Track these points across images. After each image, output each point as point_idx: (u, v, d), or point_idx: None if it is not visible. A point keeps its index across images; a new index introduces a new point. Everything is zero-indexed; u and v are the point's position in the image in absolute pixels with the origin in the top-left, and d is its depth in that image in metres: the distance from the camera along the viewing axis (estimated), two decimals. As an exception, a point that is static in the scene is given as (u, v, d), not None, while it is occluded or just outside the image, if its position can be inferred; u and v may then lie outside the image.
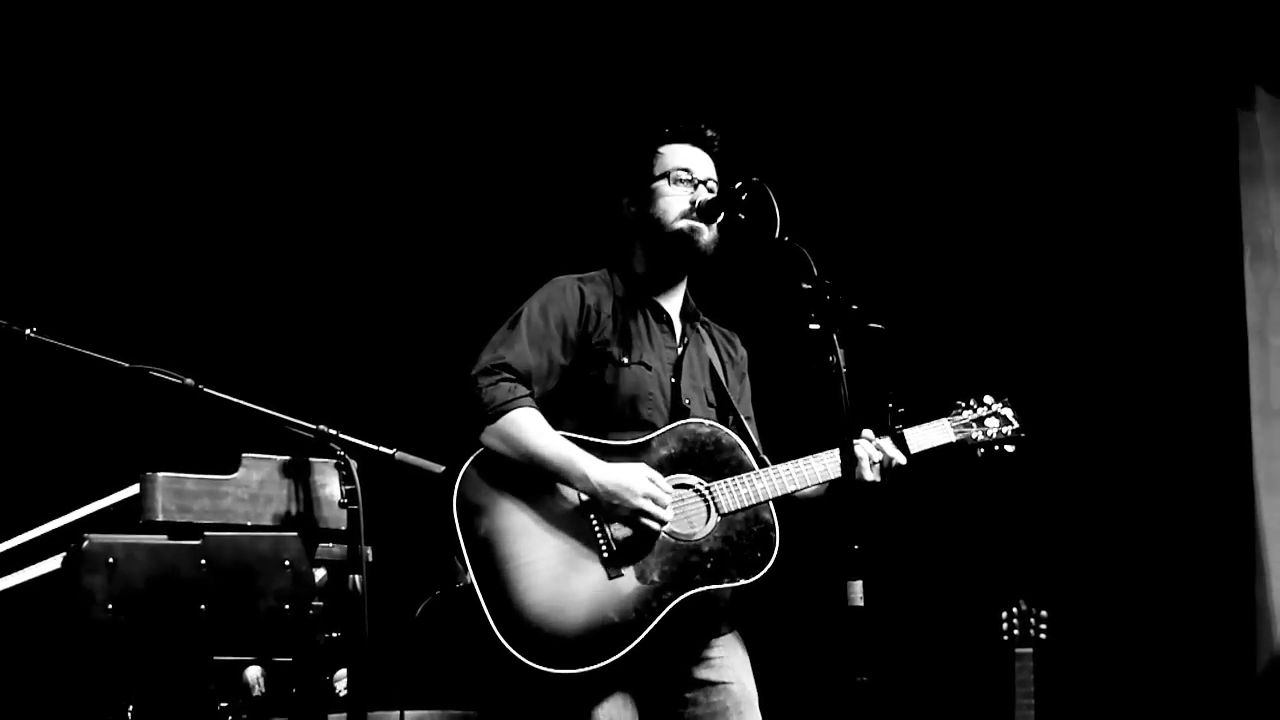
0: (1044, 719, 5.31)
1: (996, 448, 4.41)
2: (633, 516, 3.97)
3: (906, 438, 4.26)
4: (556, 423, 4.05)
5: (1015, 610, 5.41)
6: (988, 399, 4.44)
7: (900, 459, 4.22)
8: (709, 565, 4.02)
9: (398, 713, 4.57)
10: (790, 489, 4.11)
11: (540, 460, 3.97)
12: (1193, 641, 6.28)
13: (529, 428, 3.98)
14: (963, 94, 6.50)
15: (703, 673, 4.10)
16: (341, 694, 3.97)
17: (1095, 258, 6.49)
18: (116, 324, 4.98)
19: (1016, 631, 5.39)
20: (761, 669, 4.21)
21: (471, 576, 3.87)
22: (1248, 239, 6.49)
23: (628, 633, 3.91)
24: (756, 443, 4.29)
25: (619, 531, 3.99)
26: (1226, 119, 6.53)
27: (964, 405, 4.42)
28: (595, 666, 3.86)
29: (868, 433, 4.21)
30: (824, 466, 4.14)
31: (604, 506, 3.97)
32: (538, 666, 3.83)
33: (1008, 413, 4.44)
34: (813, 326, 3.63)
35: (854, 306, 3.65)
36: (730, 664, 4.13)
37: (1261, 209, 6.52)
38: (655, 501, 3.96)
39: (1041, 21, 6.44)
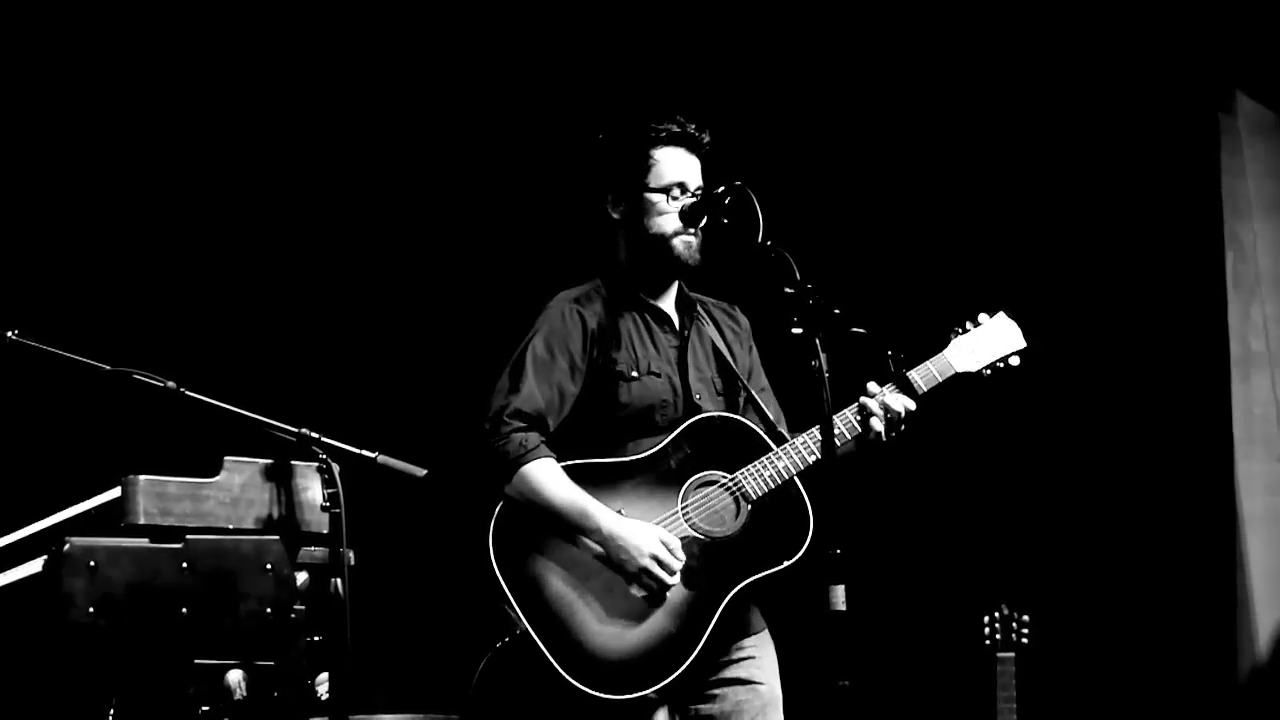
0: (1026, 723, 5.33)
1: (1001, 364, 4.33)
2: (638, 575, 3.97)
3: (912, 379, 4.19)
4: (575, 445, 4.07)
5: (997, 614, 5.40)
6: (982, 317, 4.35)
7: (910, 404, 4.15)
8: (751, 556, 4.03)
9: (379, 717, 4.57)
10: (812, 460, 4.08)
11: (555, 513, 3.99)
12: (1175, 645, 6.29)
13: (543, 482, 4.00)
14: (947, 92, 6.49)
15: (733, 670, 4.10)
16: (323, 698, 3.96)
17: (1078, 262, 6.49)
18: (98, 326, 4.96)
19: (998, 636, 5.39)
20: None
21: (526, 623, 3.90)
22: (1229, 243, 6.51)
23: (689, 641, 3.95)
24: (773, 416, 4.26)
25: None
26: (1208, 122, 6.55)
27: (960, 330, 4.33)
28: (668, 680, 3.92)
29: (871, 386, 4.16)
30: (839, 429, 4.07)
31: (614, 561, 3.99)
32: (612, 697, 3.87)
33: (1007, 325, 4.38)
34: (795, 331, 3.63)
35: (836, 311, 3.65)
36: (762, 664, 4.14)
37: (1244, 212, 6.54)
38: (662, 565, 3.97)
39: (1025, 28, 6.43)
